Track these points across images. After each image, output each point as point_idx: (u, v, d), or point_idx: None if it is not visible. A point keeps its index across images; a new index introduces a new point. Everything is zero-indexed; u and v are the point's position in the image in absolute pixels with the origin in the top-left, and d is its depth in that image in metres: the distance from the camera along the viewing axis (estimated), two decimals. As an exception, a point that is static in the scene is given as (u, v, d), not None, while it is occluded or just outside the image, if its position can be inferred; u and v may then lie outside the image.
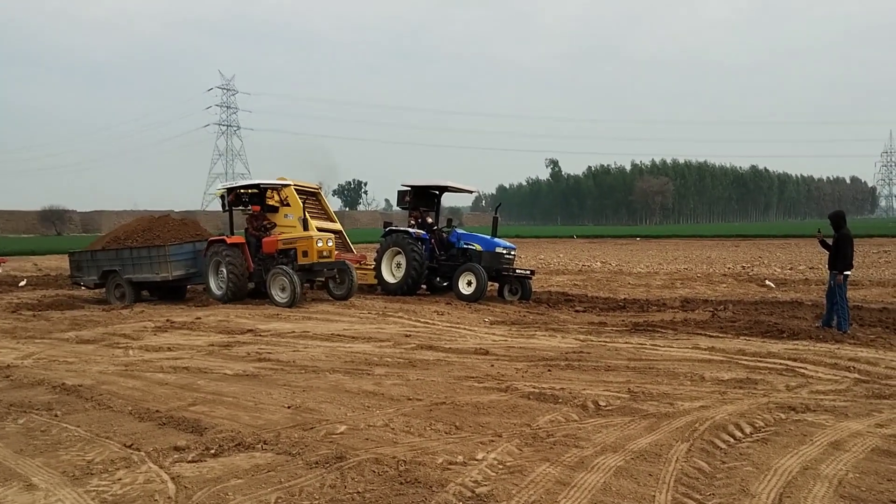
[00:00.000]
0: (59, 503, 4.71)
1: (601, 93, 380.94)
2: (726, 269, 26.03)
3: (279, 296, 15.77)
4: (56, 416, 6.86)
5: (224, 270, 16.55)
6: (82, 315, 15.09)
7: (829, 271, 11.71)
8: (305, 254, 16.09)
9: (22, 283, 23.38)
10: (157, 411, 6.85)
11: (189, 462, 5.40)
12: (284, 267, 15.80)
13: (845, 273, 11.44)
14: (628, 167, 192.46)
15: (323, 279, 17.04)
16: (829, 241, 11.78)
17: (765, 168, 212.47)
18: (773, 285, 19.61)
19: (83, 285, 19.00)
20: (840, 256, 11.45)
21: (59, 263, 33.76)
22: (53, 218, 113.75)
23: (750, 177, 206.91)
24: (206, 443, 5.80)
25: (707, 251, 39.63)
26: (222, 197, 17.56)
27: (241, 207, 17.46)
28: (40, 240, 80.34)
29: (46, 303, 17.55)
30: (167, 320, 13.67)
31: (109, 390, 7.83)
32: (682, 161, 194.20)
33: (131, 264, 17.60)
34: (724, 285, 20.26)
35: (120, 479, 5.07)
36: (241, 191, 17.36)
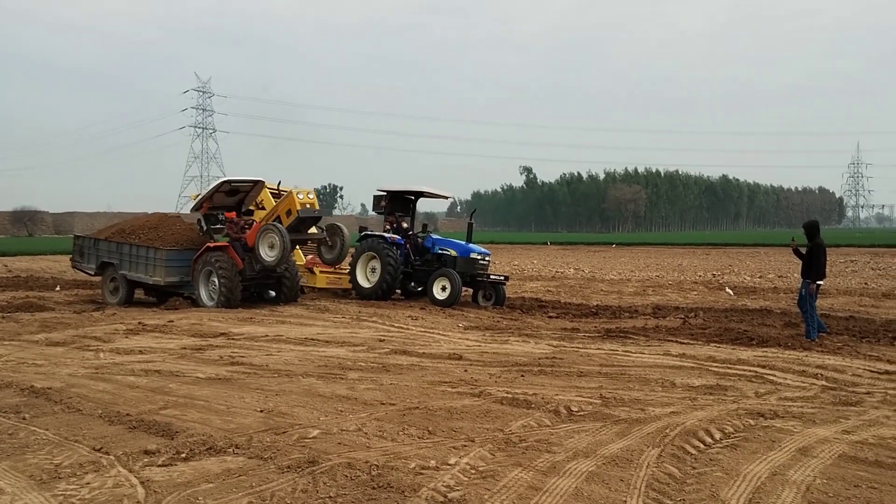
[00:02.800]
0: (25, 507, 4.65)
1: (575, 101, 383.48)
2: (697, 277, 26.29)
3: (267, 254, 15.79)
4: (24, 418, 6.76)
5: (216, 279, 16.03)
6: (52, 317, 14.87)
7: (801, 280, 11.87)
8: (289, 213, 16.09)
9: (-10, 285, 22.99)
10: (127, 415, 6.78)
11: (159, 466, 5.35)
12: (274, 223, 15.85)
13: (818, 283, 11.63)
14: (601, 175, 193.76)
15: (319, 236, 16.99)
16: (803, 251, 11.96)
17: (735, 178, 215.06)
18: (731, 293, 19.80)
19: (82, 270, 18.77)
20: (813, 266, 11.63)
21: (30, 265, 33.29)
22: (25, 219, 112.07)
23: (720, 186, 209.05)
24: (176, 447, 5.75)
25: (678, 259, 39.98)
26: (199, 221, 17.19)
27: (218, 225, 17.19)
28: (11, 241, 78.96)
29: (16, 304, 17.22)
30: (139, 323, 13.52)
31: (79, 393, 7.73)
32: (654, 170, 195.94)
33: (129, 261, 17.19)
34: (695, 293, 20.45)
35: (88, 483, 5.01)
36: (214, 211, 17.09)
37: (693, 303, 17.51)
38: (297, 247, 17.80)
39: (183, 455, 5.56)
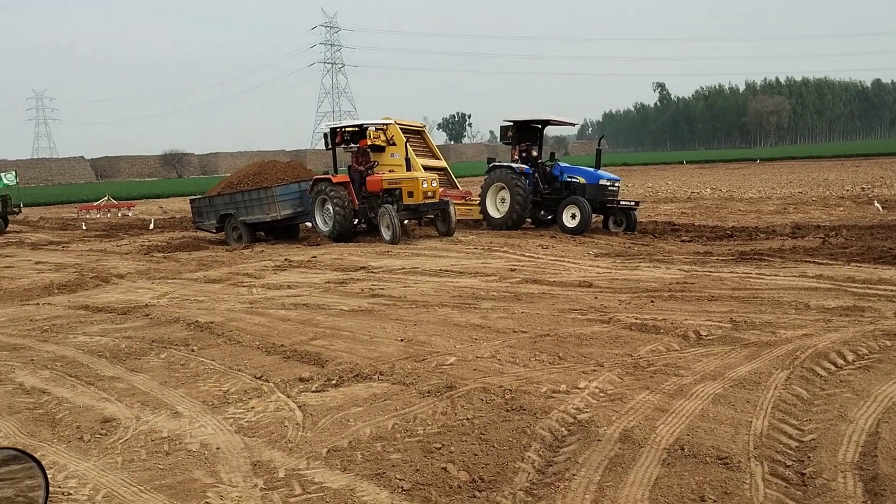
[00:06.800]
0: (202, 428, 5.25)
1: (709, 10, 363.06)
2: (844, 192, 25.03)
3: (385, 232, 16.42)
4: (192, 350, 7.47)
5: (330, 208, 17.19)
6: (207, 256, 16.06)
7: None
8: (411, 194, 16.47)
9: (151, 227, 24.89)
10: (281, 345, 7.38)
11: (313, 392, 5.88)
12: (389, 206, 16.30)
13: None
14: (741, 87, 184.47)
15: (432, 216, 17.46)
16: None
17: (891, 81, 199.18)
18: (881, 207, 18.68)
19: (206, 230, 20.12)
20: None
21: (182, 206, 35.51)
22: (174, 161, 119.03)
23: (874, 91, 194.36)
24: (327, 374, 6.27)
25: (825, 173, 38.01)
26: (325, 136, 18.20)
27: (343, 145, 18.02)
28: (163, 183, 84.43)
29: (174, 245, 18.74)
30: (285, 259, 14.39)
31: (238, 327, 8.41)
32: (799, 78, 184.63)
33: (244, 207, 18.50)
34: (841, 209, 19.57)
35: (253, 408, 5.60)
36: (345, 129, 17.93)
37: (837, 220, 16.81)
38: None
39: (333, 382, 6.07)
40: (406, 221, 17.40)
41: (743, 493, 3.84)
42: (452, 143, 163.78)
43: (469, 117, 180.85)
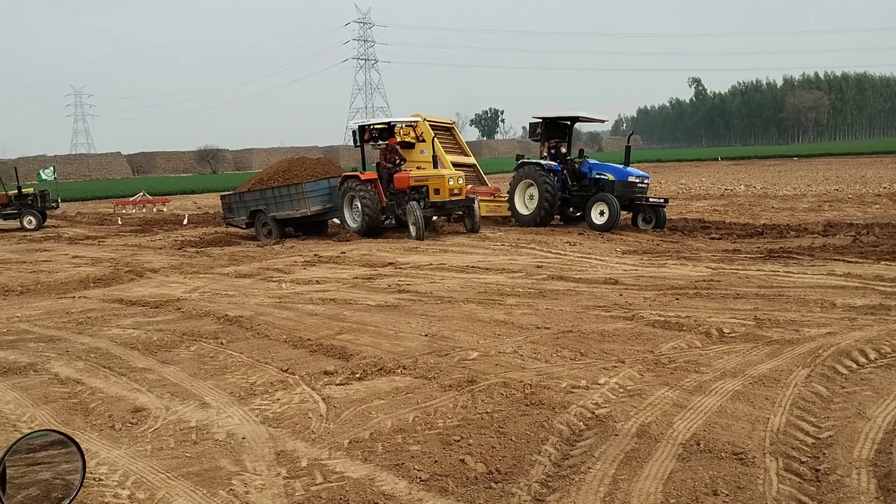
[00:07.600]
0: (228, 419, 5.39)
1: (747, 3, 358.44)
2: (881, 189, 24.65)
3: (411, 229, 16.64)
4: (222, 343, 7.62)
5: (358, 204, 17.37)
6: (239, 251, 16.29)
7: None
8: (437, 191, 16.62)
9: (185, 222, 25.26)
10: (308, 339, 7.51)
11: (337, 385, 5.99)
12: (415, 203, 16.51)
13: None
14: (779, 83, 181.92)
15: (460, 213, 17.62)
16: None
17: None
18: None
19: (235, 225, 20.38)
20: None
21: (216, 201, 35.98)
22: (208, 157, 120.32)
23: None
24: (351, 368, 6.38)
25: (863, 170, 37.42)
26: (354, 133, 18.39)
27: (372, 143, 18.19)
28: (198, 178, 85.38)
29: (207, 240, 19.03)
30: (315, 255, 14.56)
31: (266, 321, 8.56)
32: (838, 73, 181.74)
33: (274, 203, 18.73)
34: (877, 206, 19.31)
35: (279, 399, 5.73)
36: (373, 127, 18.10)
37: (872, 217, 16.61)
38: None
39: (357, 375, 6.18)
40: (434, 218, 17.57)
41: (756, 487, 3.88)
42: (485, 139, 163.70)
43: (502, 113, 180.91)
